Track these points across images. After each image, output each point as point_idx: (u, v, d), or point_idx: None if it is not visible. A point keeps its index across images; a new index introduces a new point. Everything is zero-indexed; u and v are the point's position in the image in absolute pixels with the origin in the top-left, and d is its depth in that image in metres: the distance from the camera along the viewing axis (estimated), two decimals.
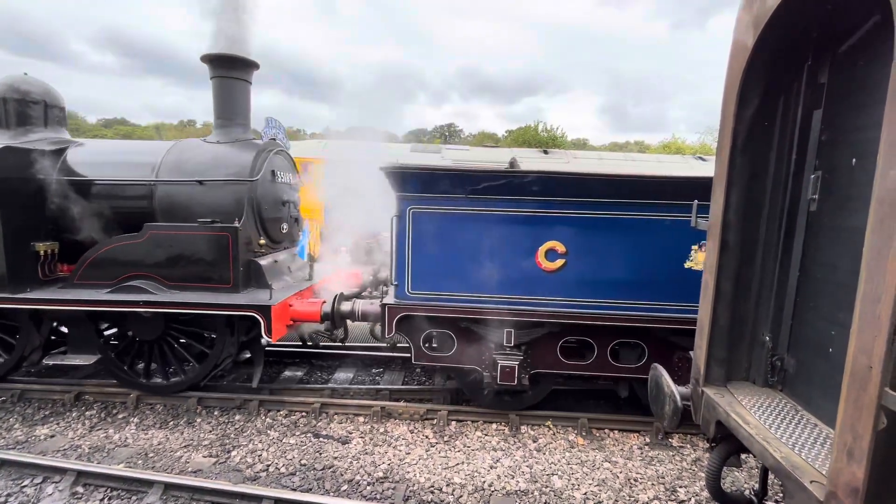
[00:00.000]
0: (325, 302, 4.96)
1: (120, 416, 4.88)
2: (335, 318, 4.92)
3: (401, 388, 5.47)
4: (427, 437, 4.55)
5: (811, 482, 1.74)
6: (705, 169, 13.98)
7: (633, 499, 3.70)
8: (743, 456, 3.27)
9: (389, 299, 4.58)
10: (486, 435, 4.61)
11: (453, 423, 4.80)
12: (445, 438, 4.52)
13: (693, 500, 3.69)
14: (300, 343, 5.97)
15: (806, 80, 2.30)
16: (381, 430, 4.65)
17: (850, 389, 1.52)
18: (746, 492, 3.10)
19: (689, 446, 4.49)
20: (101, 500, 3.53)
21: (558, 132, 31.54)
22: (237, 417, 4.85)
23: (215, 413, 4.93)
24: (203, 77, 5.51)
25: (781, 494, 3.56)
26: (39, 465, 3.80)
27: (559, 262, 4.29)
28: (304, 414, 4.91)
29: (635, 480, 3.93)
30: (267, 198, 5.31)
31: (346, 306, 4.97)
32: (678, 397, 2.61)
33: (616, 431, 4.72)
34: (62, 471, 3.73)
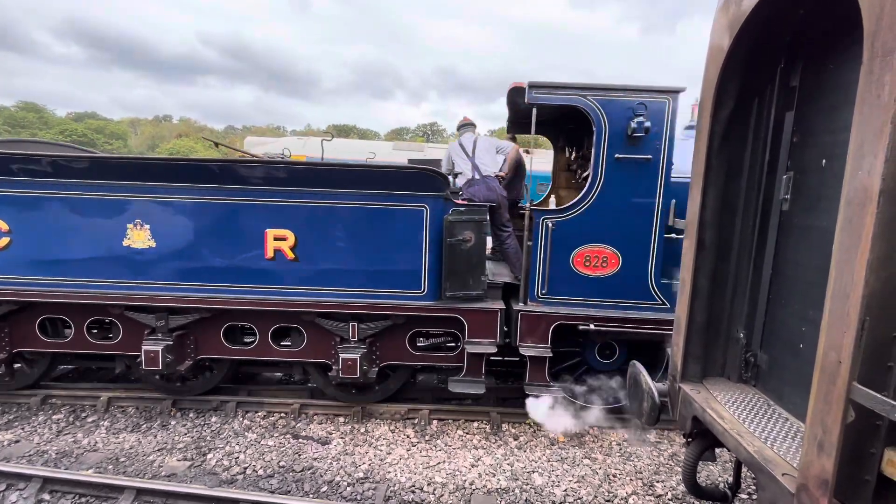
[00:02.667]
0: None
1: (89, 419, 4.71)
2: None
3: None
4: (408, 436, 4.52)
5: (783, 475, 1.78)
6: None
7: (611, 494, 3.75)
8: (717, 450, 3.36)
9: None
10: (467, 433, 4.61)
11: (435, 422, 4.79)
12: (427, 438, 4.51)
13: (670, 493, 3.76)
14: None
15: (779, 83, 2.36)
16: (362, 430, 4.61)
17: (819, 384, 1.57)
18: (721, 485, 3.17)
19: (665, 441, 4.57)
20: None
21: None
22: (213, 419, 4.74)
23: (190, 415, 4.81)
24: (178, 71, 5.38)
25: (755, 487, 3.66)
26: (2, 472, 3.62)
27: (4, 241, 4.39)
28: (283, 415, 4.83)
29: (614, 476, 3.99)
30: None
31: None
32: (656, 394, 2.66)
33: (596, 428, 4.77)
34: (27, 477, 3.57)
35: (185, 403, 4.94)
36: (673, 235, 4.57)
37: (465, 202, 4.60)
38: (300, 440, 4.40)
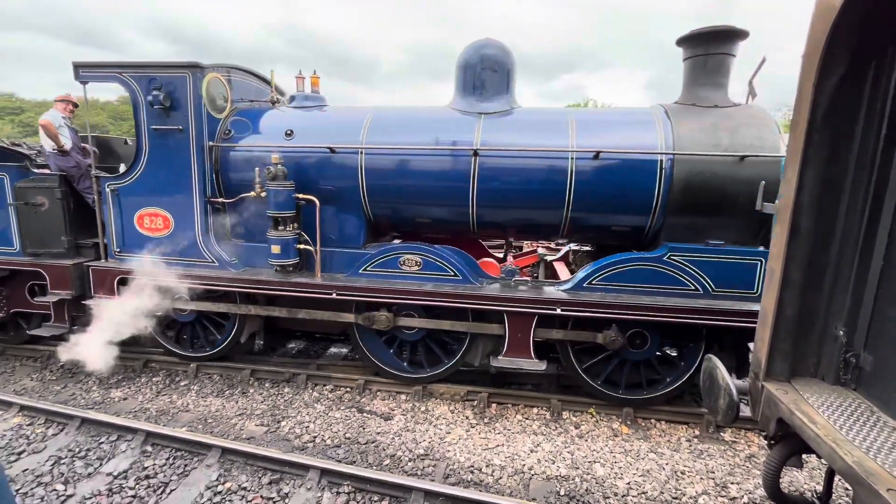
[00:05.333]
0: None
1: (182, 383, 5.25)
2: None
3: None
4: (467, 417, 4.59)
5: (888, 490, 1.59)
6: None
7: (679, 492, 3.57)
8: (804, 456, 3.07)
9: None
10: (526, 419, 4.59)
11: (494, 405, 4.81)
12: (486, 420, 4.54)
13: (746, 497, 3.52)
14: None
15: None
16: (423, 408, 4.73)
17: None
18: (808, 494, 2.91)
19: (742, 441, 4.27)
20: (167, 458, 3.83)
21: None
22: (286, 390, 5.09)
23: (266, 385, 5.20)
24: (249, 61, 5.76)
25: (850, 500, 3.32)
26: (114, 425, 4.16)
27: None
28: (348, 389, 5.08)
29: (682, 473, 3.79)
30: None
31: None
32: (734, 391, 2.46)
33: (663, 422, 4.56)
34: (133, 430, 4.07)
35: (261, 374, 5.35)
36: (221, 200, 5.00)
37: (47, 172, 5.31)
38: (364, 414, 4.61)
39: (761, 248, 4.18)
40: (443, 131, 4.74)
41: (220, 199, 5.01)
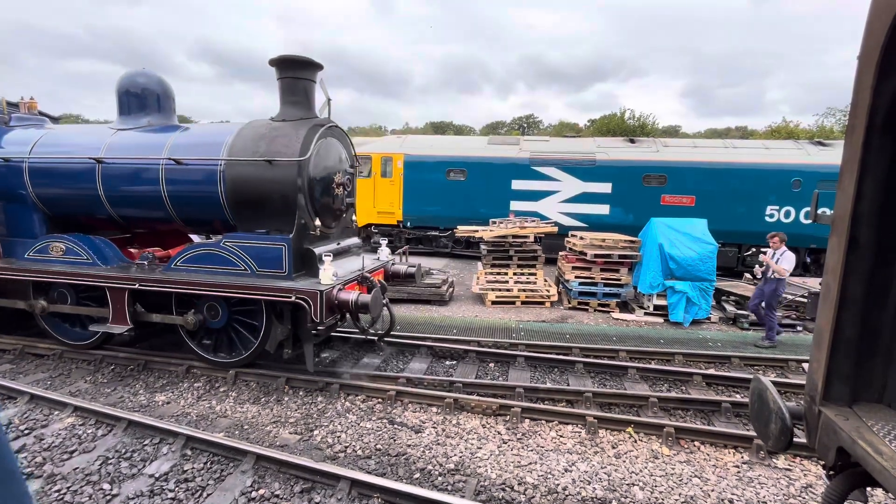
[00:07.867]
0: None
1: (221, 389, 5.42)
2: None
3: (474, 382, 5.46)
4: (499, 432, 4.49)
5: None
6: (824, 156, 12.28)
7: None
8: (869, 490, 2.81)
9: None
10: (560, 436, 4.44)
11: (527, 420, 4.69)
12: (518, 436, 4.43)
13: None
14: None
15: None
16: (454, 421, 4.68)
17: None
18: None
19: (798, 469, 3.96)
20: (205, 462, 3.93)
21: (649, 119, 29.71)
22: (319, 399, 5.16)
23: (300, 393, 5.29)
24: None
25: None
26: (157, 428, 4.32)
27: None
28: (380, 400, 5.09)
29: (730, 502, 3.55)
30: None
31: None
32: (787, 415, 2.29)
33: (707, 445, 4.31)
34: (175, 434, 4.22)
35: (296, 382, 5.45)
36: None
37: None
38: (395, 426, 4.60)
39: (289, 236, 5.05)
40: (86, 145, 5.84)
41: None
